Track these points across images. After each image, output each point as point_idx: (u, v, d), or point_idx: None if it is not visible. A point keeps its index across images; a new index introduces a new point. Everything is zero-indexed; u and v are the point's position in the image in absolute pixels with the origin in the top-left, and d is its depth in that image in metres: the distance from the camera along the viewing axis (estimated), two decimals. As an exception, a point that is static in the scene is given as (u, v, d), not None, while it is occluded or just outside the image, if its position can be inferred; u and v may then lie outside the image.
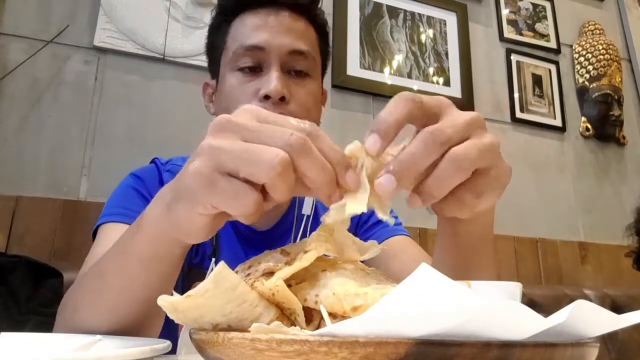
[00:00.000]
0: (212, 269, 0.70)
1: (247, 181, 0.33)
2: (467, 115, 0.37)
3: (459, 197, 0.37)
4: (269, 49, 0.73)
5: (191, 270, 0.76)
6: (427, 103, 0.37)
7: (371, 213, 0.90)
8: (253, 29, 0.75)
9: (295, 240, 0.81)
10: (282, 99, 0.71)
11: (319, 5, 0.82)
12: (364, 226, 0.88)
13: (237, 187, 0.33)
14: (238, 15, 0.78)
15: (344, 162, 0.34)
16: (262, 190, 0.34)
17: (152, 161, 0.86)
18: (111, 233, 0.66)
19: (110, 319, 0.49)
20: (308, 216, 0.83)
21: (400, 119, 0.35)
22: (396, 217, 0.92)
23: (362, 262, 0.38)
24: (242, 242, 0.79)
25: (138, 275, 0.46)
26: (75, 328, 0.50)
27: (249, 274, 0.34)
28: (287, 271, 0.32)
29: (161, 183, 0.78)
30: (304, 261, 0.32)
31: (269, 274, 0.33)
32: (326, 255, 0.35)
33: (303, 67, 0.76)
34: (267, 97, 0.71)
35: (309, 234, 0.38)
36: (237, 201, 0.34)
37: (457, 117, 0.37)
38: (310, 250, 0.34)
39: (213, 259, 0.75)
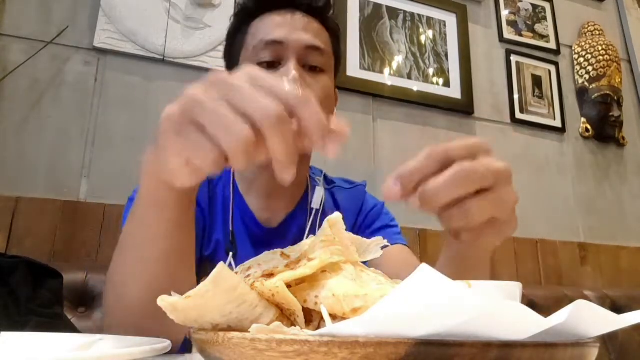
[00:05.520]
0: (228, 264, 0.72)
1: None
2: (501, 165, 0.41)
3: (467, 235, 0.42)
4: (287, 43, 0.76)
5: (202, 262, 0.77)
6: (456, 156, 0.40)
7: (373, 220, 0.92)
8: (273, 26, 0.79)
9: (307, 236, 0.82)
10: None
11: (332, 11, 0.87)
12: (364, 231, 0.89)
13: (199, 140, 0.36)
14: (256, 17, 0.82)
15: (321, 129, 0.36)
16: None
17: None
18: None
19: (144, 276, 0.51)
20: (317, 210, 0.85)
21: (424, 175, 0.39)
22: (396, 226, 0.92)
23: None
24: (252, 240, 0.80)
25: (151, 222, 0.49)
26: (117, 299, 0.54)
27: (248, 275, 0.34)
28: (289, 275, 0.32)
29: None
30: (307, 269, 0.32)
31: (269, 275, 0.33)
32: None
33: (318, 62, 0.79)
34: None
35: (318, 228, 0.39)
36: (197, 152, 0.36)
37: (491, 163, 0.40)
38: (315, 258, 0.34)
39: (231, 253, 0.77)
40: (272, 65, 0.77)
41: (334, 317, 0.31)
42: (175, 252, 0.51)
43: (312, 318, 0.32)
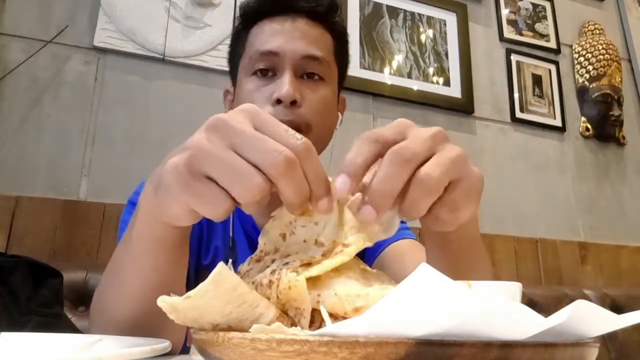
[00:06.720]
0: None
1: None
2: (429, 130, 0.38)
3: (436, 214, 0.38)
4: (283, 54, 0.74)
5: (200, 271, 0.75)
6: (388, 136, 0.37)
7: None
8: (269, 35, 0.76)
9: None
10: (294, 102, 0.71)
11: (337, 13, 0.83)
12: None
13: (211, 193, 0.34)
14: (257, 23, 0.79)
15: (323, 188, 0.35)
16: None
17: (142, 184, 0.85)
18: None
19: (131, 307, 0.50)
20: None
21: (367, 161, 0.36)
22: (403, 221, 0.89)
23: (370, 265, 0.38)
24: (252, 246, 0.78)
25: (143, 257, 0.48)
26: (103, 319, 0.53)
27: (287, 263, 0.34)
28: (328, 265, 0.32)
29: None
30: (344, 255, 0.33)
31: (307, 265, 0.33)
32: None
33: (317, 71, 0.77)
34: (279, 101, 0.71)
35: None
36: (208, 205, 0.35)
37: (419, 134, 0.37)
38: (349, 244, 0.34)
39: (230, 260, 0.75)
40: (268, 75, 0.75)
41: (335, 317, 0.31)
42: (164, 286, 0.49)
43: (314, 319, 0.32)
